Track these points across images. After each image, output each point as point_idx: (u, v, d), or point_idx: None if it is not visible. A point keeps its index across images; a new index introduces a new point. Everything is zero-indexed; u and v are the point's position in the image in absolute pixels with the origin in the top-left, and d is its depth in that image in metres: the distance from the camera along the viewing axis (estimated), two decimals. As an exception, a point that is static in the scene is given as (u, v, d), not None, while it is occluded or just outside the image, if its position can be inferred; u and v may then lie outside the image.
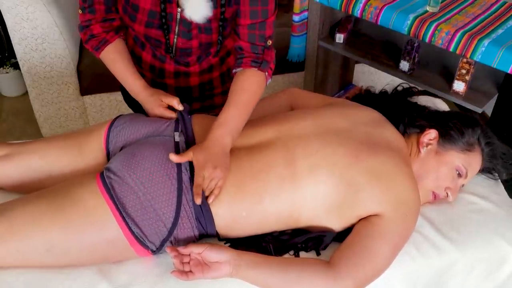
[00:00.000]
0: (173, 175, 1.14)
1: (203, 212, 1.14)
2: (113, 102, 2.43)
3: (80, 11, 1.33)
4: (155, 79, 1.47)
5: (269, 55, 1.32)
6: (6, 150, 1.31)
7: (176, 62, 1.42)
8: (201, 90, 1.51)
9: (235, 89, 1.28)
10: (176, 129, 1.25)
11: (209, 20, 1.27)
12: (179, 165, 1.16)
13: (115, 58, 1.37)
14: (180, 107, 1.29)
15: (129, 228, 1.11)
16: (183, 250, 1.09)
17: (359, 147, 1.20)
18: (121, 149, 1.26)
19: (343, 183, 1.15)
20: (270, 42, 1.32)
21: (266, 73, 1.32)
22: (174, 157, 1.14)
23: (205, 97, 1.53)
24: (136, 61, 1.44)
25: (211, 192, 1.13)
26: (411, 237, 1.21)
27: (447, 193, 1.28)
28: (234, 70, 1.32)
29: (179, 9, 1.26)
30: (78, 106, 2.41)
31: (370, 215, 1.16)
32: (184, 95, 1.49)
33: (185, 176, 1.15)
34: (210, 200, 1.13)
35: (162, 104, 1.32)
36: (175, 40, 1.33)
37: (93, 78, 2.32)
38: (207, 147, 1.17)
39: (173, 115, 1.31)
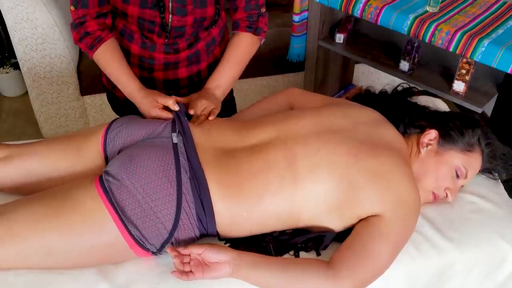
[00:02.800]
0: (172, 178, 1.14)
1: (205, 210, 1.14)
2: (113, 102, 2.43)
3: (72, 8, 1.32)
4: (143, 75, 1.47)
5: (263, 22, 1.47)
6: (6, 152, 1.30)
7: (165, 51, 1.42)
8: (189, 85, 1.51)
9: (229, 49, 1.45)
10: (173, 130, 1.24)
11: None
12: (178, 167, 1.16)
13: (109, 57, 1.36)
14: (176, 107, 1.29)
15: (129, 231, 1.11)
16: (183, 250, 1.09)
17: (359, 146, 1.20)
18: (119, 152, 1.25)
19: (343, 182, 1.15)
20: (264, 9, 1.46)
21: (260, 36, 1.48)
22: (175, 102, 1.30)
23: None
24: (124, 55, 1.43)
25: (210, 113, 1.31)
26: (411, 237, 1.21)
27: (446, 194, 1.28)
28: (231, 33, 1.48)
29: None
30: (78, 106, 2.41)
31: (370, 216, 1.16)
32: (174, 92, 1.49)
33: (184, 178, 1.15)
34: (211, 118, 1.30)
35: (157, 105, 1.32)
36: (170, 18, 1.33)
37: (93, 78, 2.32)
38: (201, 92, 1.38)
39: (169, 115, 1.30)
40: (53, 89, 2.32)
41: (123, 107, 1.53)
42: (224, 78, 1.44)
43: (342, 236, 1.17)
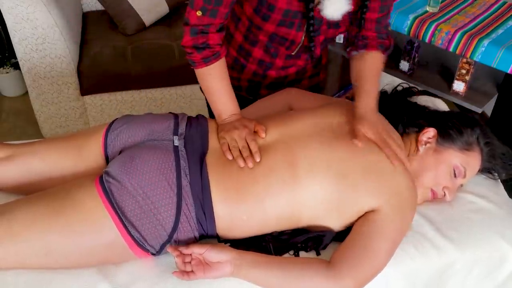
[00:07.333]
0: (172, 180, 1.14)
1: (205, 213, 1.14)
2: (113, 102, 2.44)
3: (199, 13, 1.22)
4: (257, 71, 1.49)
5: (391, 40, 1.43)
6: (7, 151, 1.30)
7: (286, 58, 1.45)
8: (296, 76, 1.55)
9: (366, 67, 1.36)
10: (175, 133, 1.24)
11: None
12: (178, 170, 1.15)
13: (220, 74, 1.31)
14: (263, 135, 1.25)
15: (128, 232, 1.11)
16: (185, 250, 1.09)
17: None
18: (120, 152, 1.25)
19: (340, 179, 1.15)
20: (388, 27, 1.43)
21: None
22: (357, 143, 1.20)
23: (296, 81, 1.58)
24: (244, 54, 1.45)
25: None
26: (410, 237, 1.21)
27: (444, 193, 1.28)
28: (354, 52, 1.40)
29: (314, 7, 1.24)
30: (78, 106, 2.41)
31: (367, 212, 1.16)
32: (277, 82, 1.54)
33: (185, 181, 1.15)
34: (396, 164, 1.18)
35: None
36: (303, 37, 1.34)
37: (93, 78, 2.32)
38: (364, 117, 1.24)
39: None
40: (53, 89, 2.32)
41: None
42: (372, 93, 1.31)
43: (342, 235, 1.17)
